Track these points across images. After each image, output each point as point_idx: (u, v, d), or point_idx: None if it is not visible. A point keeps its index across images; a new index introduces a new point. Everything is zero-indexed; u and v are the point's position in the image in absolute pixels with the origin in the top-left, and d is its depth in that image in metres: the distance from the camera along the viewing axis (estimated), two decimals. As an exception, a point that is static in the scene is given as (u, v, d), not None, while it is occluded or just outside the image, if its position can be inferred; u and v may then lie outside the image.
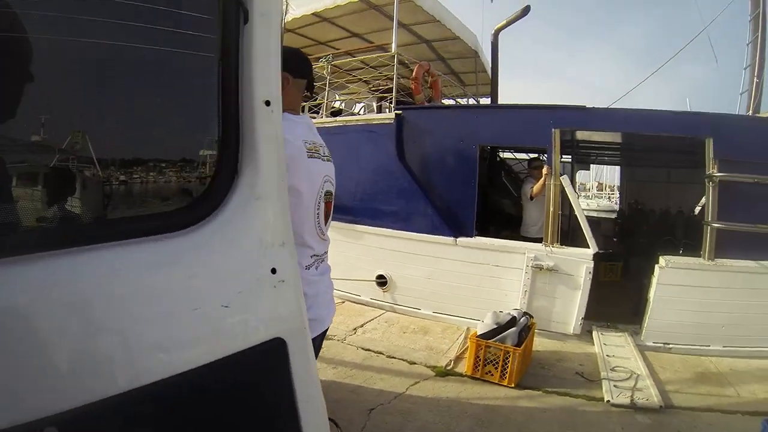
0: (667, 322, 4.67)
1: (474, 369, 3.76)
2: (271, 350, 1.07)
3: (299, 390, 1.11)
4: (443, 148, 5.22)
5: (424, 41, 7.97)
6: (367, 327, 4.79)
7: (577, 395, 3.57)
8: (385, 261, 5.34)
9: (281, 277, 1.09)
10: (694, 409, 3.50)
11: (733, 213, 4.68)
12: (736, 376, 4.14)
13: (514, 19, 6.92)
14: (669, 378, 4.01)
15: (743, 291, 4.68)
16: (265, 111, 1.07)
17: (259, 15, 1.05)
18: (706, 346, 4.67)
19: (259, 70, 1.05)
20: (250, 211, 1.05)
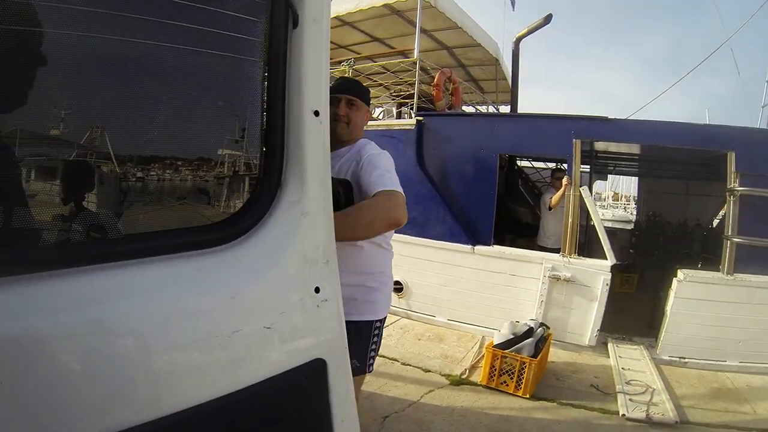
0: (684, 336, 4.62)
1: (489, 379, 3.74)
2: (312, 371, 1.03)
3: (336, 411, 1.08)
4: (463, 156, 5.22)
5: (445, 47, 7.96)
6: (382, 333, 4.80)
7: (592, 408, 3.55)
8: (402, 267, 5.28)
9: (324, 296, 1.04)
10: (709, 426, 3.45)
11: (754, 227, 4.64)
12: (753, 393, 4.09)
13: (535, 28, 6.88)
14: (685, 393, 3.96)
15: (762, 307, 4.60)
16: (314, 121, 1.02)
17: (310, 20, 1.01)
18: (723, 361, 4.60)
19: (309, 78, 1.01)
20: (294, 226, 1.00)
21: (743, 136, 4.81)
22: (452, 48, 7.97)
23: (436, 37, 7.50)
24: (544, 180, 7.62)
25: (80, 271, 0.73)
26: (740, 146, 4.67)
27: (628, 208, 24.82)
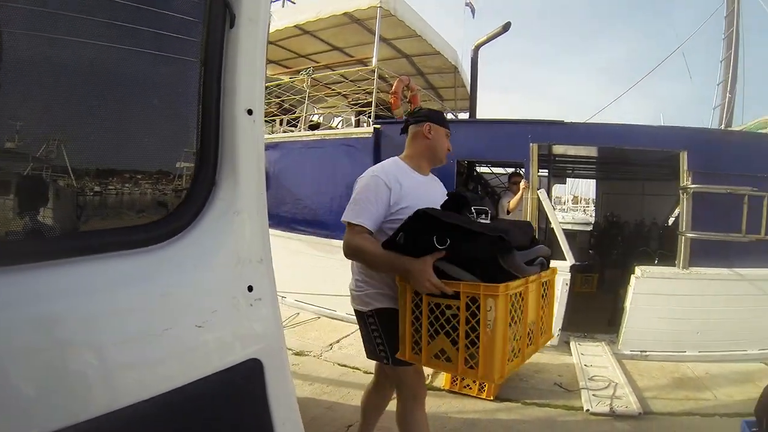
0: (644, 330, 4.76)
1: (452, 383, 3.75)
2: (247, 371, 1.02)
3: (276, 412, 1.06)
4: None
5: (405, 56, 8.04)
6: (343, 343, 4.74)
7: (556, 405, 3.60)
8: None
9: (258, 295, 1.04)
10: (672, 414, 3.56)
11: (706, 223, 4.83)
12: (713, 380, 4.25)
13: (494, 35, 6.99)
14: (647, 385, 4.08)
15: (717, 298, 4.84)
16: (247, 120, 1.03)
17: (247, 20, 1.01)
18: (683, 352, 4.78)
19: (243, 78, 1.01)
20: (227, 226, 1.01)
21: (694, 136, 5.05)
22: (412, 56, 8.06)
23: (395, 46, 7.57)
24: (503, 185, 7.70)
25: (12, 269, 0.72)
26: (692, 146, 4.87)
27: (587, 211, 25.38)
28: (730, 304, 4.90)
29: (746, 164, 5.01)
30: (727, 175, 4.88)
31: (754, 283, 4.96)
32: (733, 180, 4.87)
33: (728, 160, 4.99)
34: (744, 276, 4.93)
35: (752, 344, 4.97)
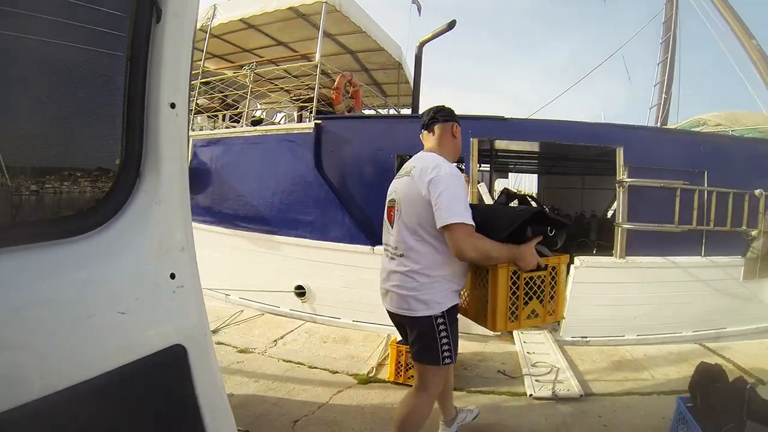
0: (584, 317, 4.91)
1: (396, 375, 3.75)
2: (171, 357, 1.03)
3: (203, 399, 1.08)
4: (361, 158, 5.24)
5: (349, 51, 8.03)
6: (287, 338, 4.71)
7: (500, 392, 3.65)
8: (304, 271, 5.29)
9: (180, 283, 1.07)
10: (613, 395, 3.69)
11: (642, 214, 5.04)
12: (651, 361, 4.43)
13: (439, 33, 7.02)
14: (588, 369, 4.20)
15: (652, 284, 5.08)
16: (169, 114, 1.04)
17: (173, 15, 1.03)
18: (622, 336, 4.99)
19: (168, 71, 1.03)
20: (150, 216, 1.03)
21: (630, 133, 5.23)
22: (356, 52, 8.07)
23: (340, 41, 7.56)
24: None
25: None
26: (628, 142, 5.06)
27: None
28: (664, 290, 5.15)
29: (679, 160, 5.27)
30: (661, 170, 5.11)
31: (686, 270, 5.23)
32: (667, 174, 5.11)
33: (662, 155, 5.23)
34: (677, 264, 5.19)
35: (686, 326, 5.25)
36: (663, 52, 9.21)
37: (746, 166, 5.73)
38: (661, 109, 8.81)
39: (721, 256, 5.47)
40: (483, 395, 3.62)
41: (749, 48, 7.22)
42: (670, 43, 9.04)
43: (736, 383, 2.72)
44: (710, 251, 5.40)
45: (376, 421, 3.13)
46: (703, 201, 5.28)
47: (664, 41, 9.25)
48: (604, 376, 4.08)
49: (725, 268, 5.50)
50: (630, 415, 3.35)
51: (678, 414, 2.85)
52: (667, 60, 8.98)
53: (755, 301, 5.69)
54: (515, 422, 3.20)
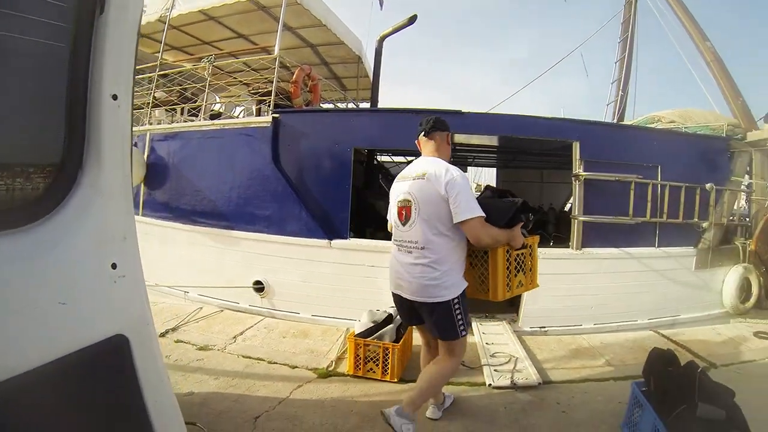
0: (542, 307, 5.01)
1: (356, 368, 3.76)
2: (113, 347, 1.03)
3: (148, 391, 1.08)
4: (318, 151, 5.20)
5: (309, 45, 7.98)
6: (246, 334, 4.66)
7: (459, 383, 3.68)
8: (262, 266, 5.23)
9: (122, 273, 1.07)
10: (571, 382, 3.79)
11: (598, 207, 5.15)
12: (607, 349, 4.56)
13: (399, 27, 7.01)
14: (546, 357, 4.30)
15: (608, 275, 5.21)
16: (111, 105, 1.05)
17: (116, 6, 1.02)
18: (579, 325, 5.12)
19: (110, 63, 1.03)
20: (92, 207, 1.03)
21: (586, 128, 5.35)
22: (316, 45, 8.03)
23: (300, 35, 7.50)
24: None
25: None
26: (584, 137, 5.16)
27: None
28: (620, 280, 5.30)
29: (633, 154, 5.41)
30: (616, 164, 5.23)
31: (641, 261, 5.39)
32: (622, 169, 5.24)
33: (617, 150, 5.37)
34: (632, 254, 5.34)
35: (642, 314, 5.44)
36: (621, 50, 9.48)
37: (698, 162, 5.96)
38: (617, 106, 9.07)
39: (674, 247, 5.67)
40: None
41: (703, 49, 7.47)
42: (628, 42, 9.31)
43: (687, 367, 2.82)
44: (664, 242, 5.59)
45: (336, 414, 3.13)
46: (656, 194, 5.45)
47: (622, 40, 9.54)
48: (562, 364, 4.19)
49: (678, 258, 5.70)
50: (587, 401, 3.44)
51: (633, 398, 2.93)
52: (624, 59, 9.24)
53: (706, 290, 5.95)
54: (475, 412, 3.24)
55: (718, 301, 6.05)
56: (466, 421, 3.10)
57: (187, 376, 3.59)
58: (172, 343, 4.33)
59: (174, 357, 3.99)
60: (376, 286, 4.85)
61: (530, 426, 3.07)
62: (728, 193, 6.07)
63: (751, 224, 6.47)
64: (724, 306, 6.03)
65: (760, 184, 6.40)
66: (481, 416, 3.18)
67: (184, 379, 3.55)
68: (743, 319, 5.97)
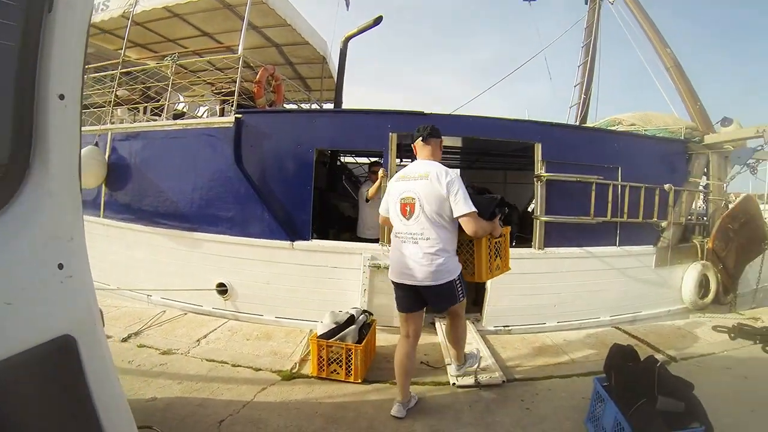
0: (506, 306, 5.08)
1: (319, 369, 3.75)
2: (60, 348, 1.03)
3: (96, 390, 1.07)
4: (281, 152, 5.15)
5: (274, 45, 7.91)
6: (210, 337, 4.60)
7: (424, 383, 3.71)
8: (225, 268, 5.17)
9: (69, 273, 1.07)
10: (534, 379, 3.84)
11: (560, 208, 5.24)
12: (570, 346, 4.63)
13: (365, 28, 7.02)
14: (510, 356, 4.34)
15: (570, 273, 5.31)
16: (58, 105, 1.03)
17: (64, 5, 1.01)
18: (543, 323, 5.20)
19: (57, 62, 1.01)
20: (38, 207, 1.02)
21: (548, 129, 5.41)
22: (281, 45, 7.95)
23: (265, 34, 7.43)
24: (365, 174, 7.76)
25: None
26: (545, 138, 5.24)
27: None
28: (582, 278, 5.40)
29: (594, 156, 5.52)
30: (577, 165, 5.34)
31: (602, 259, 5.51)
32: (583, 170, 5.35)
33: (578, 152, 5.46)
34: (593, 253, 5.45)
35: (603, 311, 5.56)
36: (584, 55, 9.68)
37: (657, 163, 6.14)
38: (580, 108, 9.25)
39: (634, 245, 5.82)
40: (407, 386, 3.66)
41: (663, 55, 7.70)
42: (591, 47, 9.52)
43: (647, 362, 2.92)
44: (624, 241, 5.73)
45: (300, 416, 3.11)
46: (617, 195, 5.58)
47: (585, 45, 9.73)
48: (525, 362, 4.24)
49: (638, 256, 5.85)
50: (551, 397, 3.51)
51: (595, 393, 3.00)
52: (587, 63, 9.44)
53: (666, 287, 6.13)
54: (440, 411, 3.26)
55: (677, 298, 6.25)
56: (431, 420, 3.12)
57: (150, 382, 3.53)
58: (135, 347, 4.24)
59: (137, 362, 3.91)
60: (339, 287, 4.88)
61: (495, 423, 3.10)
62: (686, 194, 6.25)
63: (709, 223, 6.67)
64: (684, 302, 6.23)
65: (716, 185, 6.63)
66: (446, 415, 3.20)
67: (147, 384, 3.48)
68: (702, 314, 6.18)
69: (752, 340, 4.92)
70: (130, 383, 3.45)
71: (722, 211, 6.56)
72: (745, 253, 6.66)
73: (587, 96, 9.31)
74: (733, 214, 6.44)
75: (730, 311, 6.44)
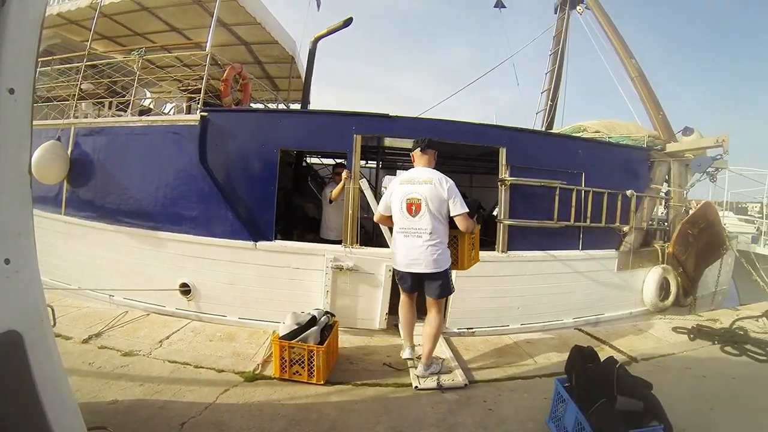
0: (469, 309, 5.12)
1: (282, 371, 3.72)
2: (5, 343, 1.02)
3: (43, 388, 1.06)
4: (245, 152, 5.10)
5: (244, 43, 7.85)
6: (173, 338, 4.53)
7: (386, 384, 3.71)
8: (189, 268, 5.09)
9: (15, 268, 1.06)
10: (497, 380, 3.87)
11: (524, 212, 5.32)
12: (533, 348, 4.70)
13: (335, 29, 7.02)
14: (473, 358, 4.38)
15: (533, 277, 5.38)
16: (8, 99, 1.02)
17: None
18: (506, 326, 5.26)
19: (8, 57, 1.00)
20: None
21: (513, 134, 5.49)
22: (251, 44, 7.89)
23: (235, 32, 7.36)
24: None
25: None
26: (510, 143, 5.30)
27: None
28: (545, 281, 5.49)
29: (559, 161, 5.62)
30: (542, 170, 5.44)
31: (565, 263, 5.61)
32: (547, 174, 5.45)
33: (543, 157, 5.56)
34: (557, 257, 5.55)
35: (567, 314, 5.67)
36: (552, 62, 9.91)
37: (620, 170, 6.29)
38: (546, 115, 9.47)
39: (597, 249, 5.95)
40: (369, 387, 3.66)
41: (629, 66, 7.93)
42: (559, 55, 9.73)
43: (606, 363, 2.99)
44: (587, 245, 5.86)
45: (263, 418, 3.09)
46: (580, 200, 5.69)
47: (553, 53, 9.97)
48: (489, 364, 4.28)
49: (601, 260, 5.98)
50: (513, 398, 3.54)
51: (557, 394, 3.05)
52: (554, 70, 9.65)
53: (628, 289, 6.29)
54: (402, 413, 3.25)
55: (639, 300, 6.43)
56: (393, 421, 3.12)
57: (111, 384, 3.46)
58: (96, 349, 4.14)
59: (97, 364, 3.82)
60: (302, 289, 4.86)
61: (457, 424, 3.11)
62: (648, 200, 6.43)
63: (669, 228, 6.89)
64: (645, 304, 6.42)
65: (677, 192, 6.85)
66: (408, 416, 3.20)
67: (108, 386, 3.41)
68: (662, 315, 6.37)
69: (711, 341, 5.10)
70: (90, 385, 3.38)
71: (682, 217, 6.78)
72: (704, 258, 6.89)
73: (554, 103, 9.53)
74: (692, 220, 6.66)
75: (689, 313, 6.63)
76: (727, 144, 6.31)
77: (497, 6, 11.63)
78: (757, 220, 11.25)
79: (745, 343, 4.97)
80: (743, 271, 7.73)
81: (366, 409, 3.30)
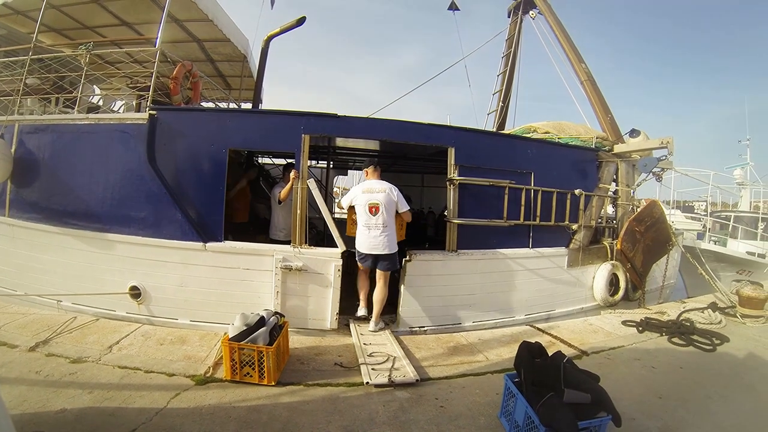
0: (420, 307, 5.20)
1: (232, 373, 3.72)
2: None
3: None
4: (194, 152, 5.02)
5: (196, 40, 7.72)
6: (123, 343, 4.44)
7: (337, 383, 3.75)
8: (138, 271, 4.99)
9: None
10: (449, 378, 3.95)
11: (474, 211, 5.42)
12: (485, 345, 4.81)
13: (287, 28, 6.97)
14: (424, 356, 4.46)
15: (483, 275, 5.50)
16: None
17: None
18: (458, 324, 5.36)
19: None
20: None
21: (462, 134, 5.57)
22: (202, 41, 7.78)
23: (187, 28, 7.23)
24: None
25: None
26: (459, 143, 5.38)
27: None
28: (496, 279, 5.63)
29: (508, 161, 5.75)
30: (491, 170, 5.55)
31: (516, 261, 5.76)
32: (496, 174, 5.57)
33: (492, 157, 5.67)
34: (507, 255, 5.69)
35: (518, 311, 5.82)
36: (504, 64, 10.14)
37: (569, 170, 6.48)
38: (498, 116, 9.69)
39: (547, 247, 6.13)
40: (320, 387, 3.70)
41: (579, 70, 8.17)
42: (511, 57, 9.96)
43: (554, 358, 3.10)
44: (537, 243, 6.03)
45: (215, 421, 3.09)
46: (530, 199, 5.84)
47: (505, 55, 10.19)
48: (440, 361, 4.36)
49: (551, 257, 6.17)
50: (465, 395, 3.63)
51: (507, 389, 3.15)
52: (506, 72, 9.88)
53: (578, 286, 6.51)
54: (353, 412, 3.29)
55: (589, 296, 6.67)
56: (344, 420, 3.16)
57: (59, 392, 3.38)
58: (43, 357, 4.03)
59: (45, 372, 3.72)
60: (252, 290, 4.84)
61: (409, 422, 3.16)
62: (596, 199, 6.64)
63: (618, 226, 7.13)
64: (595, 299, 6.66)
65: (624, 191, 7.11)
66: (360, 416, 3.23)
67: (56, 395, 3.33)
68: (612, 310, 6.64)
69: (659, 333, 5.36)
70: (38, 395, 3.30)
71: (630, 215, 7.04)
72: (651, 253, 7.17)
73: (506, 104, 9.74)
74: (639, 218, 6.92)
75: (638, 307, 6.94)
76: (672, 146, 6.57)
77: (451, 8, 11.72)
78: (702, 218, 11.79)
79: (691, 333, 5.24)
80: (690, 266, 8.08)
81: (317, 409, 3.34)
